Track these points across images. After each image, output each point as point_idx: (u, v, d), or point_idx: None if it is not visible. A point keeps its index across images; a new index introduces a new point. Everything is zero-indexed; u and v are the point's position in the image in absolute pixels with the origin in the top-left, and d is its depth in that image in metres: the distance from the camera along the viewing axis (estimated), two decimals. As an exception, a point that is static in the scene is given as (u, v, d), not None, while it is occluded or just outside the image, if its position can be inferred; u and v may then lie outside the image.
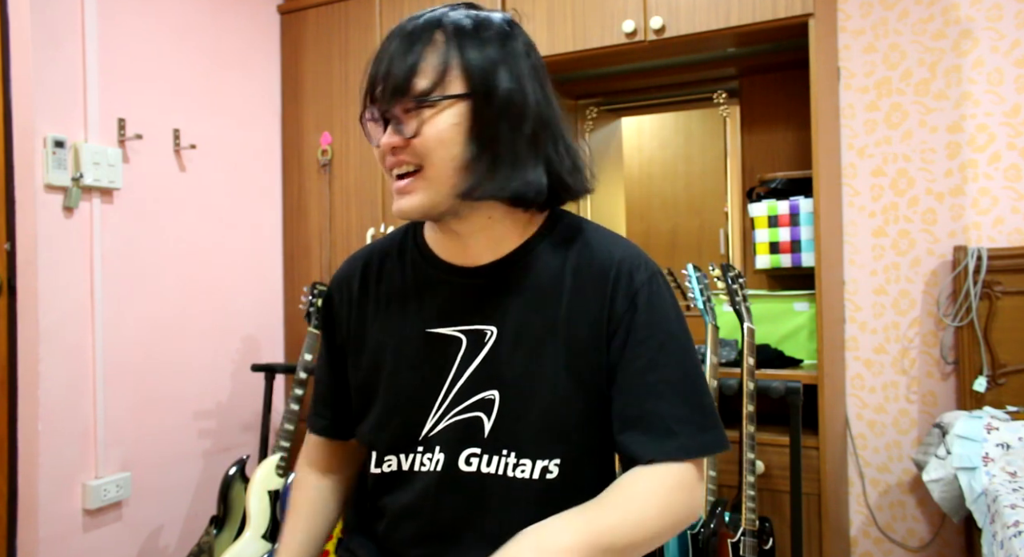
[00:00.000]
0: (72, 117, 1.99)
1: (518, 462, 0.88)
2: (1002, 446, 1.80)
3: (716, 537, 1.70)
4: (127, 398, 2.13)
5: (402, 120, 0.83)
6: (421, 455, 0.92)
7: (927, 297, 2.23)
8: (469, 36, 0.85)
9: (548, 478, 0.88)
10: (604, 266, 0.90)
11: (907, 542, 2.25)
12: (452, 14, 0.87)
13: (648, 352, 0.88)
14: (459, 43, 0.84)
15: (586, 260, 0.92)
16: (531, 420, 0.88)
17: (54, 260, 1.94)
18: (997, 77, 2.15)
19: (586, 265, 0.91)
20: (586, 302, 0.89)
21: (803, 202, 2.12)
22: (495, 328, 0.90)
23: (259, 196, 2.62)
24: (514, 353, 0.89)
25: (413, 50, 0.83)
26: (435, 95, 0.82)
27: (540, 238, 0.93)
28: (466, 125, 0.84)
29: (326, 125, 2.61)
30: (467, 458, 0.90)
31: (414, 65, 0.83)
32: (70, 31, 1.98)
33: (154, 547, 2.23)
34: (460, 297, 0.93)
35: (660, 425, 0.85)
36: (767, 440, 1.95)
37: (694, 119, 2.64)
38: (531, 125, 0.87)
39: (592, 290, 0.90)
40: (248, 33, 2.58)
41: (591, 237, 0.94)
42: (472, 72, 0.83)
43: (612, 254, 0.91)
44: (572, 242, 0.93)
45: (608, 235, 0.96)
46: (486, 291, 0.92)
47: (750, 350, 1.82)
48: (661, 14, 2.06)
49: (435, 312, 0.93)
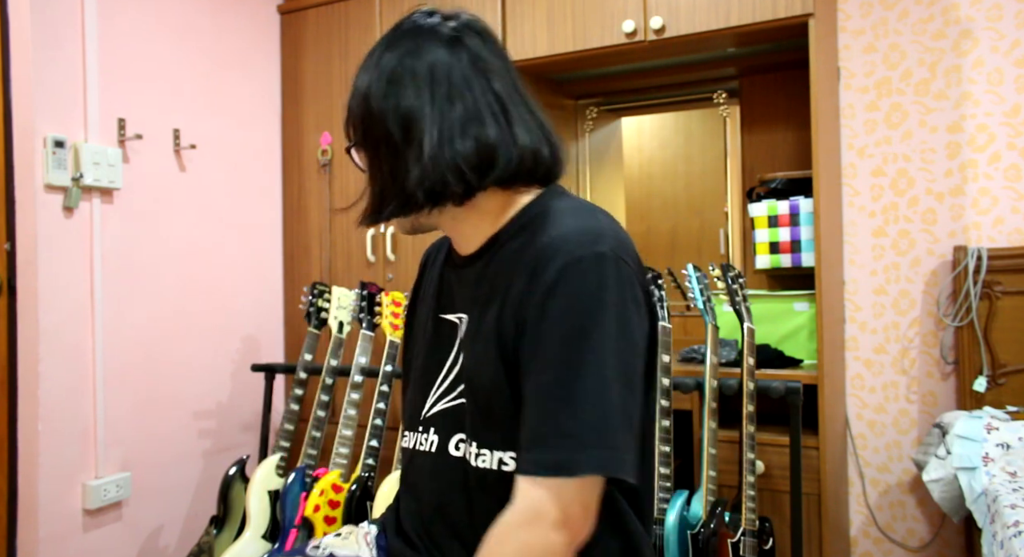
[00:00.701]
0: (72, 117, 1.99)
1: (479, 452, 0.89)
2: (1002, 446, 1.80)
3: (716, 537, 1.70)
4: (127, 398, 2.13)
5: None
6: (420, 435, 0.98)
7: (927, 297, 2.23)
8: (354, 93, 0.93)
9: (504, 470, 0.87)
10: (533, 253, 0.85)
11: (907, 542, 2.25)
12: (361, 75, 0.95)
13: (534, 352, 0.81)
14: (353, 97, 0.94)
15: (528, 247, 0.87)
16: (478, 409, 0.90)
17: (54, 260, 1.94)
18: (997, 77, 2.15)
19: (525, 253, 0.87)
20: (517, 292, 0.85)
21: (803, 202, 2.12)
22: (466, 316, 0.95)
23: (259, 196, 2.62)
24: (472, 343, 0.92)
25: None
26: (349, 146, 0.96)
27: (510, 226, 0.92)
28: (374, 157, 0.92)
29: (326, 125, 2.61)
30: (456, 443, 0.93)
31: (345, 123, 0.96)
32: (70, 31, 1.98)
33: (154, 547, 2.23)
34: (455, 286, 0.99)
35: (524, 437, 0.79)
36: (767, 440, 1.95)
37: (694, 119, 2.64)
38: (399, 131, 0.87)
39: (520, 280, 0.85)
40: (248, 33, 2.58)
41: (545, 222, 0.88)
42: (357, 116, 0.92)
43: (545, 239, 0.84)
44: (526, 229, 0.90)
45: (560, 219, 0.87)
46: (464, 281, 0.97)
47: (750, 350, 1.82)
48: (661, 14, 2.06)
49: (446, 299, 1.01)
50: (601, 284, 0.80)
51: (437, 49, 0.88)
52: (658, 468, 1.81)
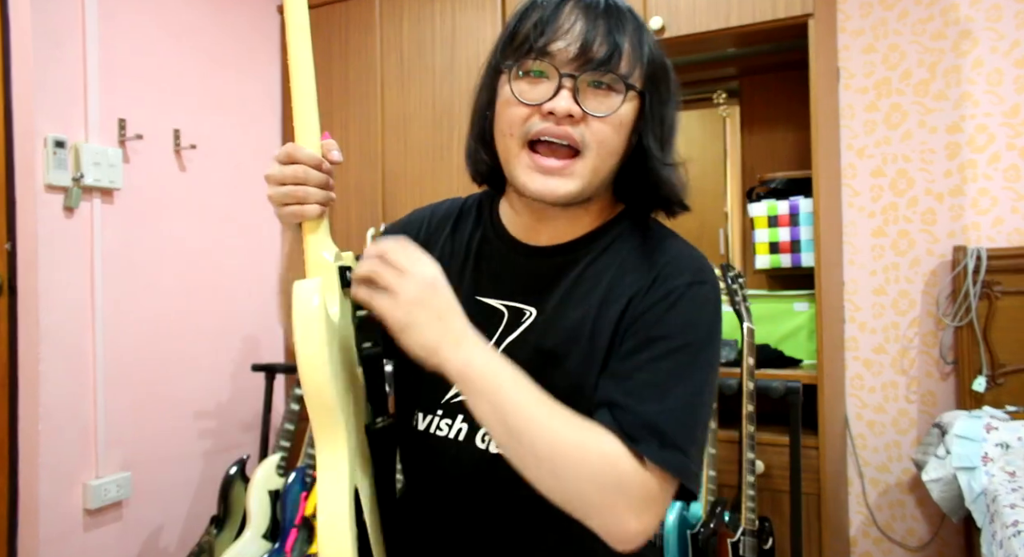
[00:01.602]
0: (72, 117, 1.99)
1: None
2: (1001, 446, 1.80)
3: (716, 537, 1.70)
4: (127, 398, 2.13)
5: (590, 94, 0.79)
6: (441, 419, 0.89)
7: (926, 297, 2.24)
8: (644, 32, 0.82)
9: None
10: (651, 266, 0.84)
11: (906, 542, 2.25)
12: (622, 1, 0.83)
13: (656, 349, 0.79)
14: (641, 36, 0.81)
15: (637, 259, 0.85)
16: None
17: (54, 260, 1.94)
18: (997, 77, 2.16)
19: (636, 264, 0.85)
20: (618, 302, 0.82)
21: (803, 202, 2.12)
22: (535, 310, 0.87)
23: (259, 196, 2.62)
24: (542, 339, 0.85)
25: (612, 28, 0.79)
26: (633, 81, 0.80)
27: (606, 230, 0.89)
28: (635, 120, 0.83)
29: (326, 125, 2.61)
30: (483, 435, 0.87)
31: (619, 44, 0.78)
32: (71, 31, 1.98)
33: (154, 547, 2.23)
34: (513, 272, 0.90)
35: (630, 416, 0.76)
36: (767, 440, 1.96)
37: (694, 119, 2.64)
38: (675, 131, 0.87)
39: (633, 285, 0.83)
40: (248, 33, 2.58)
41: (654, 237, 0.88)
42: (653, 69, 0.82)
43: (665, 255, 0.85)
44: (631, 240, 0.88)
45: (673, 239, 0.89)
46: (538, 272, 0.89)
47: (750, 350, 1.82)
48: (661, 14, 2.06)
49: (488, 282, 0.91)
50: (716, 310, 0.84)
51: None
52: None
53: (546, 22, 0.78)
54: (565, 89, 0.77)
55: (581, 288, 0.86)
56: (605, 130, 0.79)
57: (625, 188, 0.89)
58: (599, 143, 0.79)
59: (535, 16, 0.80)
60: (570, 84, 0.77)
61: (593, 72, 0.78)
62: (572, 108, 0.77)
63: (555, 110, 0.77)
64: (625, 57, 0.79)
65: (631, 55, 0.80)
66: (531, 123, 0.79)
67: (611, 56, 0.77)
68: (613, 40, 0.78)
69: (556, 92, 0.77)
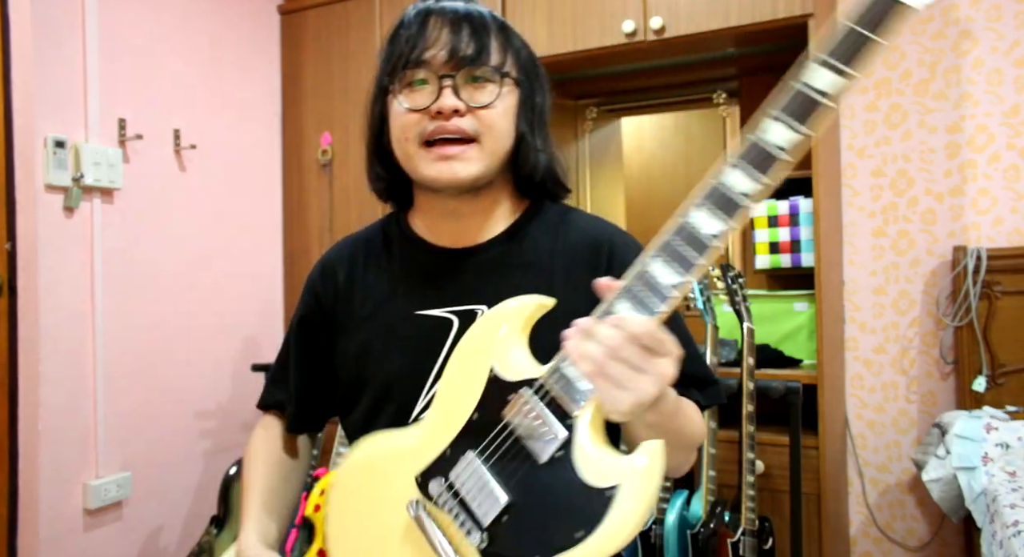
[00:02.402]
0: (72, 117, 1.99)
1: None
2: (1001, 446, 1.80)
3: (716, 537, 1.71)
4: (127, 398, 2.13)
5: (470, 89, 0.86)
6: None
7: (927, 297, 2.24)
8: (509, 30, 0.91)
9: None
10: (597, 242, 0.91)
11: (906, 542, 2.25)
12: (482, 8, 0.90)
13: None
14: (507, 34, 0.90)
15: (577, 238, 0.93)
16: None
17: (54, 260, 1.94)
18: (997, 77, 2.16)
19: (578, 243, 0.92)
20: (581, 278, 0.85)
21: (803, 202, 2.12)
22: (486, 307, 0.89)
23: (259, 196, 2.62)
24: None
25: (476, 30, 0.87)
26: (506, 70, 0.88)
27: (528, 219, 0.95)
28: (518, 106, 0.90)
29: (326, 125, 2.61)
30: None
31: (485, 42, 0.86)
32: (70, 31, 1.98)
33: (154, 547, 2.23)
34: (450, 278, 0.93)
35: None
36: (767, 440, 1.95)
37: (694, 119, 2.64)
38: (545, 118, 0.95)
39: (587, 266, 0.89)
40: (248, 33, 2.58)
41: (577, 217, 0.97)
42: (523, 61, 0.91)
43: (603, 230, 0.94)
44: (560, 223, 0.95)
45: (592, 216, 0.99)
46: (477, 271, 0.92)
47: (750, 350, 1.82)
48: (661, 14, 2.06)
49: (424, 295, 0.93)
50: None
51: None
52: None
53: (416, 37, 0.87)
54: (446, 88, 0.85)
55: (529, 272, 0.91)
56: (492, 116, 0.87)
57: (525, 183, 0.96)
58: (489, 128, 0.87)
59: (404, 35, 0.88)
60: (449, 83, 0.85)
61: (468, 69, 0.85)
62: (456, 103, 0.85)
63: (442, 108, 0.84)
64: (494, 52, 0.87)
65: (499, 49, 0.88)
66: (424, 125, 0.86)
67: (480, 52, 0.86)
68: (479, 38, 0.86)
69: (439, 93, 0.85)
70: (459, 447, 0.75)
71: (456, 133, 0.85)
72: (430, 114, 0.85)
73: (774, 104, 0.64)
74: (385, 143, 0.93)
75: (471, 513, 0.73)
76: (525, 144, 0.91)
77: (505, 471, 0.71)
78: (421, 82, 0.86)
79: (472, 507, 0.73)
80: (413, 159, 0.88)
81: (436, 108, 0.85)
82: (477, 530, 0.72)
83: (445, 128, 0.85)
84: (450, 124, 0.85)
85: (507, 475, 0.71)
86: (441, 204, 0.93)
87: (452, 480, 0.75)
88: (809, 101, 0.62)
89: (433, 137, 0.86)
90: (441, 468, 0.76)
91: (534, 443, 0.70)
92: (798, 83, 0.63)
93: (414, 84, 0.87)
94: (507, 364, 0.74)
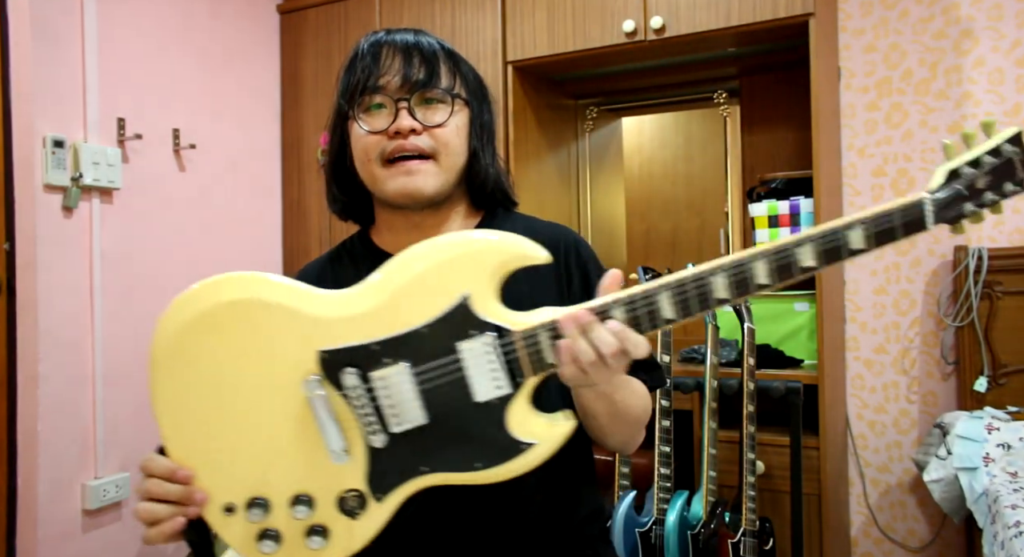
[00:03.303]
0: (72, 117, 1.99)
1: None
2: (1003, 446, 1.79)
3: (716, 537, 1.70)
4: (127, 398, 2.13)
5: (425, 110, 0.92)
6: None
7: (927, 297, 2.23)
8: (456, 56, 0.98)
9: None
10: (554, 239, 0.96)
11: (908, 542, 2.25)
12: (431, 38, 0.97)
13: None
14: (455, 60, 0.97)
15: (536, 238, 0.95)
16: None
17: (54, 260, 1.93)
18: (998, 77, 2.15)
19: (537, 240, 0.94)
20: (542, 278, 0.92)
21: (803, 202, 2.12)
22: None
23: (259, 196, 2.62)
24: None
25: (426, 57, 0.93)
26: (456, 92, 0.94)
27: (486, 225, 1.01)
28: (469, 125, 0.97)
29: (326, 125, 2.61)
30: None
31: (435, 67, 0.93)
32: (70, 31, 1.98)
33: (153, 547, 2.23)
34: None
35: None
36: (767, 440, 1.95)
37: (694, 119, 2.64)
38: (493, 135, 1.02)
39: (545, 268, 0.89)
40: (248, 33, 2.58)
41: (532, 220, 1.04)
42: (471, 84, 0.98)
43: (558, 230, 1.01)
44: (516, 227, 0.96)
45: (540, 220, 1.05)
46: None
47: (750, 350, 1.82)
48: (661, 14, 2.06)
49: None
50: None
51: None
52: (658, 468, 1.81)
53: (371, 66, 0.93)
54: (402, 110, 0.91)
55: None
56: (446, 134, 0.93)
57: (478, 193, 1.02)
58: (444, 146, 0.93)
59: (360, 65, 0.94)
60: (405, 105, 0.91)
61: (420, 92, 0.92)
62: (412, 123, 0.91)
63: (400, 128, 0.90)
64: (444, 76, 0.94)
65: (448, 73, 0.95)
66: (384, 146, 0.92)
67: (431, 76, 0.92)
68: (429, 64, 0.93)
69: (396, 115, 0.91)
70: (392, 351, 0.73)
71: (414, 151, 0.91)
72: (389, 135, 0.91)
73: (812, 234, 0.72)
74: (348, 165, 0.98)
75: (381, 417, 0.73)
76: (477, 159, 0.98)
77: (434, 394, 0.73)
78: (378, 106, 0.92)
79: (384, 412, 0.73)
80: (377, 178, 0.93)
81: (394, 128, 0.90)
82: (383, 433, 0.73)
83: (404, 147, 0.91)
84: (408, 143, 0.90)
85: (434, 398, 0.73)
86: (404, 218, 0.98)
87: (373, 383, 0.73)
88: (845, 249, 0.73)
89: (393, 155, 0.91)
90: (360, 360, 0.73)
91: (477, 382, 0.72)
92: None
93: (371, 108, 0.93)
94: (483, 300, 0.73)
